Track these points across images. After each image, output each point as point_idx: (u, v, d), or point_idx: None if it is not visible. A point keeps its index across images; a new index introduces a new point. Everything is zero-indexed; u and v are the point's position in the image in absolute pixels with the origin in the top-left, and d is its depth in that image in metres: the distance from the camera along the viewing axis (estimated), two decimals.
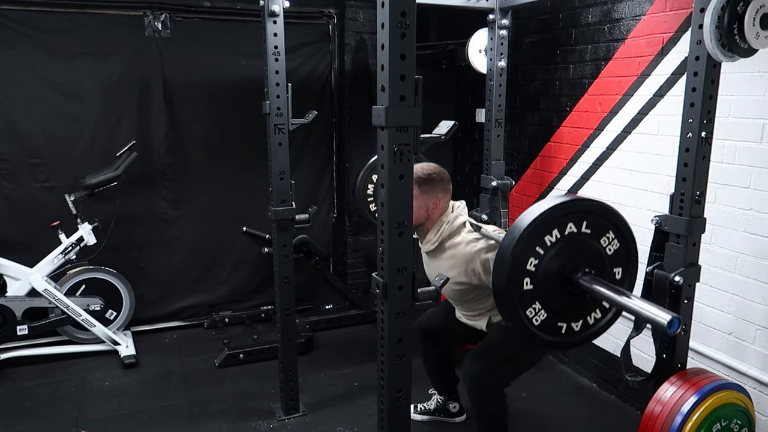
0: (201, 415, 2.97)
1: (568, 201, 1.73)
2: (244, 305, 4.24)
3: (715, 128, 1.88)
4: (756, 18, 1.72)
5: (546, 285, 1.70)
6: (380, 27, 1.35)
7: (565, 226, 1.70)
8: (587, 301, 1.78)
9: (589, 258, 1.75)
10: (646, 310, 1.58)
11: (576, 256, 1.73)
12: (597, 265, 1.76)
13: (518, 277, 1.66)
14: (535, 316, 1.72)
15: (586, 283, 1.69)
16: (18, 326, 3.35)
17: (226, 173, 4.01)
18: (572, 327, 1.79)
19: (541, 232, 1.67)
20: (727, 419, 1.91)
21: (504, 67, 2.97)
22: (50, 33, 3.48)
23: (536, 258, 1.68)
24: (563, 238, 1.71)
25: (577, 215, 1.72)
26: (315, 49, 4.09)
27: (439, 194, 2.35)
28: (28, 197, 3.60)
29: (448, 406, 2.90)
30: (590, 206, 1.76)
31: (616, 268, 1.83)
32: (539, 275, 1.69)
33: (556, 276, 1.72)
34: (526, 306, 1.69)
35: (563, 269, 1.72)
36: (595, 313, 1.82)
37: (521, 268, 1.67)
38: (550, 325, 1.75)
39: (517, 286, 1.67)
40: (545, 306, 1.72)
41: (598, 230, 1.76)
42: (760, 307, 2.41)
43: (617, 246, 1.81)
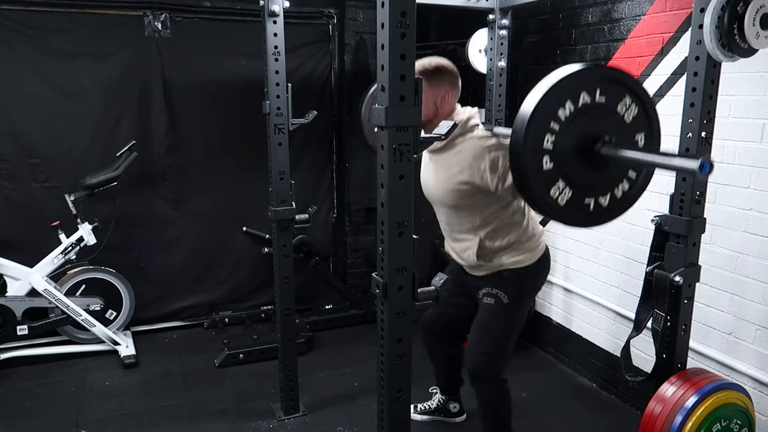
0: (201, 415, 2.97)
1: (578, 70, 1.59)
2: (244, 305, 4.24)
3: (715, 128, 1.88)
4: (756, 18, 1.73)
5: (566, 160, 1.58)
6: (380, 27, 1.35)
7: (578, 97, 1.57)
8: (612, 173, 1.67)
9: (608, 126, 1.62)
10: (673, 161, 1.50)
11: (594, 126, 1.60)
12: (617, 133, 1.63)
13: (537, 157, 1.54)
14: (560, 196, 1.59)
15: (608, 151, 1.57)
16: (18, 326, 3.35)
17: (226, 173, 4.01)
18: (600, 202, 1.68)
19: (554, 106, 1.55)
20: (727, 419, 1.91)
21: (504, 67, 2.97)
22: (50, 33, 3.48)
23: (552, 134, 1.55)
24: (578, 110, 1.57)
25: (590, 83, 1.59)
26: (315, 49, 4.09)
27: (447, 87, 2.26)
28: (28, 197, 3.60)
29: (448, 406, 2.90)
30: (602, 73, 1.64)
31: (638, 134, 1.69)
32: (558, 151, 1.56)
33: (576, 149, 1.59)
34: (549, 187, 1.57)
35: (582, 141, 1.60)
36: (622, 185, 1.70)
37: (538, 147, 1.54)
38: (577, 202, 1.63)
39: (537, 167, 1.55)
40: (569, 183, 1.60)
41: (613, 97, 1.62)
42: (760, 307, 2.41)
43: (635, 111, 1.66)
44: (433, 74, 2.24)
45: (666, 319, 1.99)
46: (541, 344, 3.73)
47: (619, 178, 1.69)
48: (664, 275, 1.95)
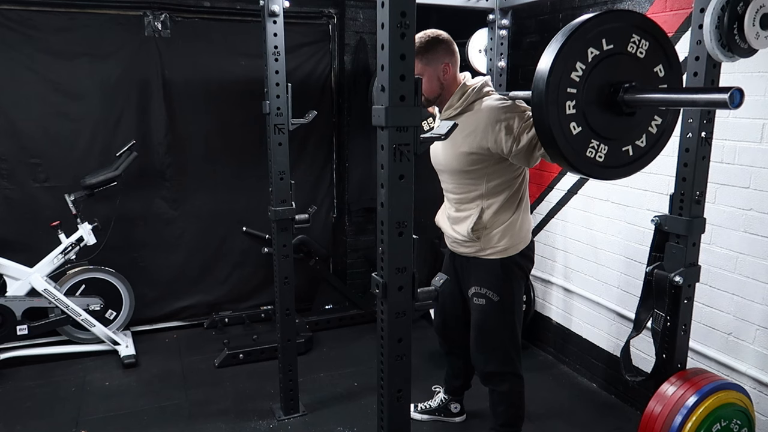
0: (201, 415, 2.97)
1: (576, 29, 1.57)
2: (244, 305, 4.24)
3: (715, 128, 1.88)
4: (756, 18, 1.72)
5: (594, 119, 1.58)
6: (380, 27, 1.35)
7: (585, 54, 1.56)
8: (643, 113, 1.66)
9: (626, 71, 1.60)
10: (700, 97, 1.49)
11: (611, 75, 1.59)
12: (636, 74, 1.61)
13: (563, 126, 1.53)
14: (598, 154, 1.59)
15: (632, 97, 1.56)
16: (18, 326, 3.35)
17: (226, 173, 4.01)
18: (638, 145, 1.67)
19: (566, 70, 1.54)
20: (726, 419, 1.91)
21: (504, 67, 2.97)
22: (50, 33, 3.48)
23: (572, 99, 1.55)
24: (590, 66, 1.57)
25: (592, 37, 1.57)
26: (315, 49, 4.09)
27: (445, 59, 2.18)
28: (27, 197, 3.60)
29: (449, 406, 2.90)
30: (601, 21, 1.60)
31: (656, 66, 1.67)
32: (583, 113, 1.56)
33: (600, 105, 1.59)
34: (584, 149, 1.57)
35: (604, 96, 1.59)
36: (654, 121, 1.69)
37: (562, 116, 1.54)
38: (616, 154, 1.63)
39: (567, 135, 1.54)
40: (602, 139, 1.60)
41: (620, 40, 1.61)
42: (760, 307, 2.41)
43: (647, 45, 1.64)
44: (426, 50, 2.16)
45: (666, 319, 1.99)
46: (541, 344, 3.73)
47: (650, 115, 1.67)
48: (663, 275, 1.95)
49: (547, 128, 1.54)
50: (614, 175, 1.70)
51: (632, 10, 1.65)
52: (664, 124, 1.69)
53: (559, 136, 1.54)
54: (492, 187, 2.24)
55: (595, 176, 1.65)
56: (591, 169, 1.60)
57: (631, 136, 1.66)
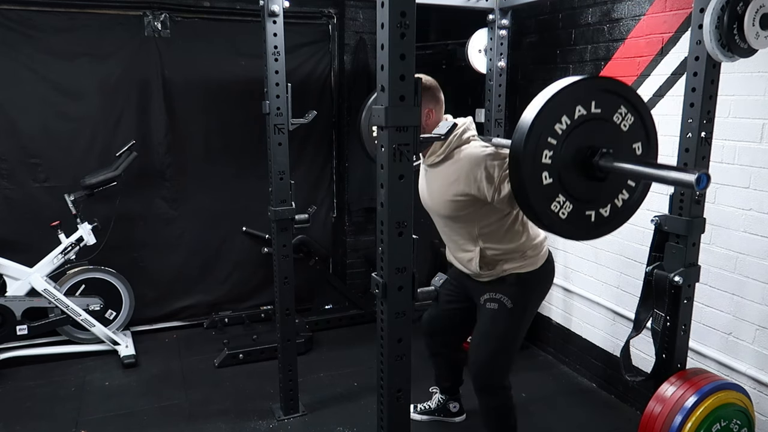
0: (200, 415, 2.97)
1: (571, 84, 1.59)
2: (244, 305, 4.23)
3: (715, 128, 1.89)
4: (756, 18, 1.73)
5: (566, 175, 1.59)
6: (380, 27, 1.36)
7: (573, 111, 1.57)
8: (612, 183, 1.67)
9: (606, 138, 1.62)
10: (670, 174, 1.49)
11: (591, 138, 1.60)
12: (615, 143, 1.62)
13: (536, 173, 1.55)
14: (561, 210, 1.60)
15: (607, 163, 1.57)
16: (18, 326, 3.35)
17: (226, 173, 4.01)
18: (601, 213, 1.68)
19: (550, 120, 1.55)
20: (726, 419, 1.91)
21: (504, 67, 2.97)
22: (50, 33, 3.48)
23: (550, 149, 1.56)
24: (574, 123, 1.58)
25: (584, 96, 1.59)
26: (315, 49, 4.09)
27: (429, 105, 2.22)
28: (27, 197, 3.60)
29: (448, 406, 2.90)
30: (596, 84, 1.64)
31: (635, 143, 1.69)
32: (557, 166, 1.57)
33: (575, 163, 1.60)
34: (549, 201, 1.58)
35: (580, 155, 1.60)
36: (622, 195, 1.70)
37: (537, 163, 1.55)
38: (578, 215, 1.64)
39: (537, 183, 1.55)
40: (569, 197, 1.60)
41: (608, 107, 1.63)
42: (760, 307, 2.41)
43: (632, 120, 1.66)
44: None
45: (666, 319, 2.00)
46: (541, 344, 3.73)
47: (619, 188, 1.69)
48: (663, 275, 1.95)
49: (519, 172, 1.55)
50: (572, 235, 1.70)
51: (631, 87, 1.67)
52: (630, 200, 1.72)
53: (530, 182, 1.55)
54: (485, 226, 2.24)
55: (554, 231, 1.65)
56: (552, 221, 1.61)
57: (596, 202, 1.67)
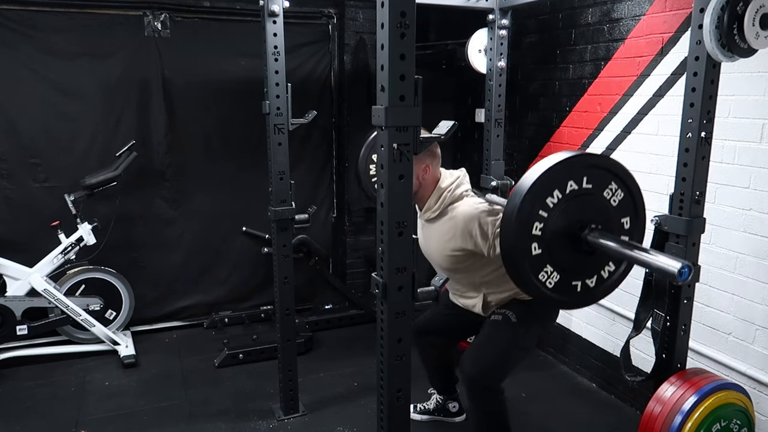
0: (200, 415, 2.97)
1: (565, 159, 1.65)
2: (244, 305, 4.23)
3: (715, 128, 1.88)
4: (756, 18, 1.73)
5: (554, 247, 1.64)
6: (380, 27, 1.36)
7: (565, 185, 1.64)
8: (599, 256, 1.71)
9: (595, 213, 1.68)
10: (654, 260, 1.53)
11: (581, 213, 1.66)
12: (603, 218, 1.68)
13: (525, 243, 1.60)
14: (549, 279, 1.65)
15: (594, 239, 1.62)
16: (17, 326, 3.35)
17: (226, 173, 4.01)
18: (587, 284, 1.72)
19: (542, 194, 1.61)
20: (726, 419, 1.91)
21: (504, 67, 2.97)
22: (50, 33, 3.48)
23: (540, 221, 1.61)
24: (565, 197, 1.64)
25: (577, 171, 1.65)
26: (314, 49, 4.09)
27: (426, 161, 2.26)
28: (27, 197, 3.60)
29: (447, 406, 2.90)
30: (588, 161, 1.71)
31: (623, 218, 1.74)
32: (546, 238, 1.63)
33: (564, 236, 1.65)
34: (537, 271, 1.63)
35: (570, 228, 1.65)
36: (608, 266, 1.75)
37: (527, 234, 1.60)
38: (565, 285, 1.69)
39: (526, 253, 1.60)
40: (557, 268, 1.66)
41: (599, 183, 1.69)
42: (760, 307, 2.41)
43: (622, 196, 1.73)
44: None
45: (666, 319, 2.00)
46: (541, 344, 3.73)
47: (606, 260, 1.75)
48: None
49: (510, 241, 1.61)
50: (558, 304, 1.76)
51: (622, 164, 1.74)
52: (616, 273, 1.76)
53: (518, 252, 1.60)
54: (485, 275, 2.32)
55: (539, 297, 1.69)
56: (538, 290, 1.65)
57: (583, 274, 1.72)
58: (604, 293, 1.77)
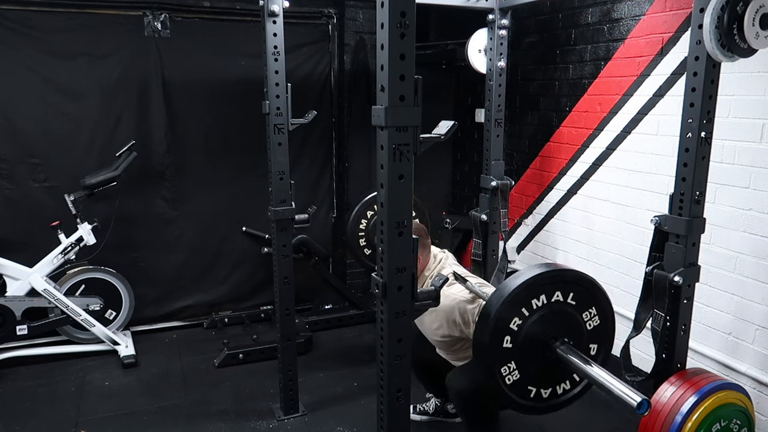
0: (200, 415, 2.97)
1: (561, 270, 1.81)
2: (244, 305, 4.24)
3: (715, 128, 1.89)
4: (756, 18, 1.73)
5: (525, 346, 1.76)
6: (380, 27, 1.35)
7: (552, 294, 1.77)
8: (560, 370, 1.84)
9: (570, 329, 1.81)
10: (616, 388, 1.62)
11: (558, 324, 1.79)
12: (576, 337, 1.81)
13: (500, 333, 1.72)
14: (509, 375, 1.77)
15: (563, 352, 1.75)
16: (17, 326, 3.35)
17: (226, 173, 4.01)
18: (541, 393, 1.84)
19: (530, 295, 1.74)
20: (726, 419, 1.91)
21: (503, 67, 2.97)
22: (50, 33, 3.48)
23: (520, 319, 1.74)
24: (548, 305, 1.77)
25: (566, 286, 1.78)
26: (314, 49, 4.09)
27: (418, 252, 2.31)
28: (27, 197, 3.59)
29: (446, 407, 2.90)
30: (579, 279, 1.83)
31: (592, 344, 1.88)
32: (520, 336, 1.75)
33: (536, 339, 1.77)
34: (502, 363, 1.75)
35: (544, 334, 1.78)
36: (564, 384, 1.88)
37: (505, 325, 1.72)
38: (521, 386, 1.80)
39: (498, 342, 1.72)
40: (520, 367, 1.78)
41: (582, 304, 1.82)
42: (760, 307, 2.41)
43: (597, 323, 1.86)
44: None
45: (665, 319, 2.00)
46: None
47: (564, 377, 1.86)
48: (663, 275, 1.95)
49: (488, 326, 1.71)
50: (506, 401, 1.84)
51: (608, 298, 1.88)
52: (570, 391, 1.91)
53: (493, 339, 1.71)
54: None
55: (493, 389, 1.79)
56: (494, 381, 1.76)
57: (540, 382, 1.84)
58: (549, 409, 1.89)
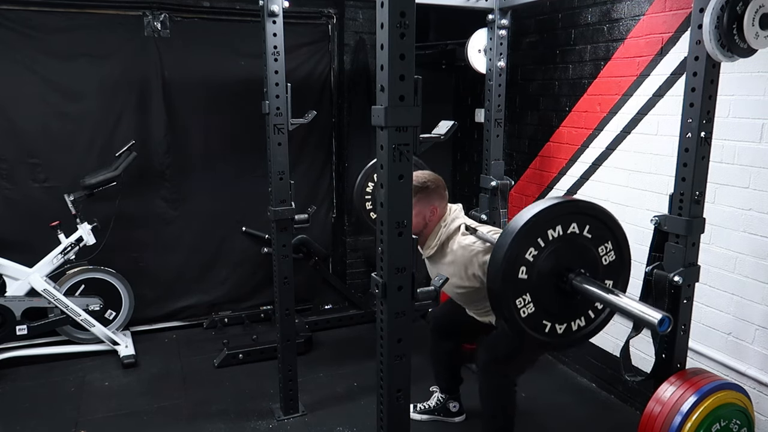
0: (200, 416, 2.97)
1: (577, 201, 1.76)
2: (244, 305, 4.24)
3: (715, 128, 1.88)
4: (755, 18, 1.73)
5: (540, 278, 1.71)
6: (380, 27, 1.36)
7: (568, 225, 1.71)
8: (576, 305, 1.79)
9: (585, 262, 1.76)
10: (636, 309, 1.59)
11: (573, 256, 1.74)
12: (591, 270, 1.77)
13: (516, 263, 1.67)
14: (524, 308, 1.72)
15: (579, 283, 1.70)
16: (17, 326, 3.35)
17: (226, 173, 4.01)
18: (556, 329, 1.80)
19: (546, 224, 1.68)
20: (726, 419, 1.91)
21: (503, 67, 2.97)
22: (50, 33, 3.48)
23: (536, 249, 1.68)
24: (565, 236, 1.71)
25: (582, 217, 1.73)
26: (314, 49, 4.09)
27: (435, 202, 2.38)
28: (27, 197, 3.59)
29: (448, 405, 2.90)
30: (596, 212, 1.77)
31: (608, 279, 1.84)
32: (536, 267, 1.69)
33: (552, 271, 1.72)
34: (517, 295, 1.70)
35: (559, 266, 1.73)
36: (579, 321, 1.83)
37: (520, 256, 1.67)
38: (536, 320, 1.75)
39: (513, 273, 1.67)
40: (535, 299, 1.73)
41: (598, 237, 1.77)
42: (760, 307, 2.41)
43: (613, 258, 1.82)
44: (421, 191, 2.34)
45: None
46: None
47: (579, 313, 1.82)
48: (663, 275, 1.95)
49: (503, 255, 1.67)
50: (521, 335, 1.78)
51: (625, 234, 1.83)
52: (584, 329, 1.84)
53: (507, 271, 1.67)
54: None
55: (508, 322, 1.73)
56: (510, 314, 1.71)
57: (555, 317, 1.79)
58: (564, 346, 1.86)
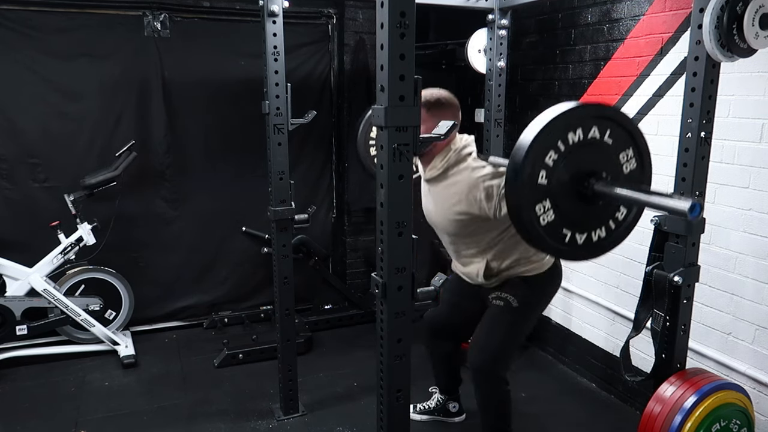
0: (200, 415, 2.97)
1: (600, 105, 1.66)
2: (244, 305, 4.23)
3: (715, 128, 1.89)
4: (755, 18, 1.73)
5: (561, 183, 1.62)
6: (380, 27, 1.35)
7: (589, 129, 1.62)
8: (597, 214, 1.70)
9: (607, 168, 1.66)
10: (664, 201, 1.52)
11: (594, 162, 1.64)
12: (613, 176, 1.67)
13: (535, 166, 1.58)
14: (543, 215, 1.62)
15: (601, 187, 1.61)
16: (17, 326, 3.35)
17: (226, 173, 4.01)
18: (575, 238, 1.70)
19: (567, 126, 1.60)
20: (726, 419, 1.91)
21: (503, 67, 2.97)
22: (50, 33, 3.47)
23: (556, 153, 1.59)
24: (585, 141, 1.62)
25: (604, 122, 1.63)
26: (314, 49, 4.09)
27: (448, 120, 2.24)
28: (27, 197, 3.59)
29: (448, 406, 2.90)
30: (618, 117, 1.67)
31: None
32: (556, 171, 1.60)
33: (572, 176, 1.63)
34: (537, 200, 1.61)
35: (580, 170, 1.63)
36: (600, 231, 1.72)
37: (541, 158, 1.58)
38: (556, 229, 1.65)
39: (533, 177, 1.58)
40: (555, 206, 1.63)
41: (619, 144, 1.67)
42: (760, 307, 2.41)
43: (634, 166, 1.70)
44: (434, 105, 2.26)
45: (665, 319, 2.00)
46: (541, 344, 3.73)
47: (600, 222, 1.73)
48: (663, 275, 1.95)
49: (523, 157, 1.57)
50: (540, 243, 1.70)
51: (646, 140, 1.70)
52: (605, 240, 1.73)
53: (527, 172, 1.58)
54: (489, 240, 2.32)
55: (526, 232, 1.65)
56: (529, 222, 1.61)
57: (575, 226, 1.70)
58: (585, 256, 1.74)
